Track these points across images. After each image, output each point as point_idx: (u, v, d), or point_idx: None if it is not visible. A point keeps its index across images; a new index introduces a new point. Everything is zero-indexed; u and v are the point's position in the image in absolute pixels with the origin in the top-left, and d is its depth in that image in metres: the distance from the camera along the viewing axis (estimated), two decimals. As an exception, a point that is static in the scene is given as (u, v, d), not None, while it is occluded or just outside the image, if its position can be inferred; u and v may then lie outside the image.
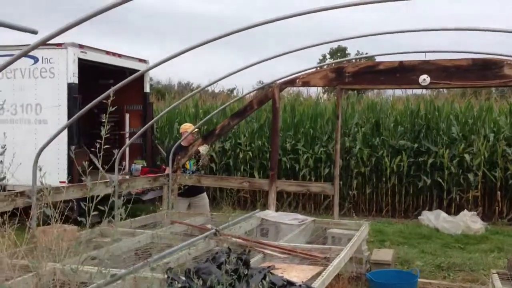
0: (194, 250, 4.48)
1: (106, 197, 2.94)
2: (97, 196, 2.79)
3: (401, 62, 5.69)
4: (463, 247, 8.34)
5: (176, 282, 3.03)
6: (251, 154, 12.23)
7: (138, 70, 10.21)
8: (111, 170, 8.89)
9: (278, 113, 6.28)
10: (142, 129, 7.40)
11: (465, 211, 9.91)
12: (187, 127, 7.38)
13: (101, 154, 2.81)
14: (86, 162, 3.27)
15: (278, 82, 6.31)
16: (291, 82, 6.27)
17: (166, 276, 3.27)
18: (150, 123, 7.69)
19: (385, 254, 6.10)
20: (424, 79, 5.54)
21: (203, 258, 4.03)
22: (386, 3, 3.99)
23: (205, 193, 7.35)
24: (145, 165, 10.51)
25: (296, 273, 3.75)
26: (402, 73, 5.67)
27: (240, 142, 12.44)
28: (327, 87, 7.33)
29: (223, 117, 12.18)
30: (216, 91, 18.75)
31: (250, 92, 12.42)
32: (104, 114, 3.32)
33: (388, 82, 5.76)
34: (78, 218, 2.92)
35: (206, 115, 12.96)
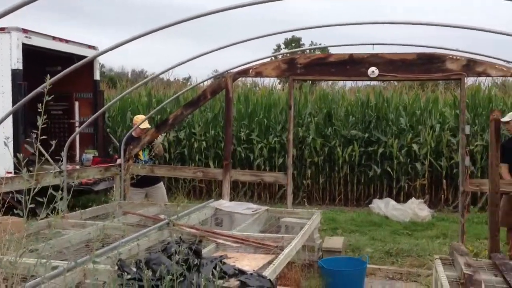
0: (147, 240, 4.45)
1: (56, 188, 2.85)
2: (47, 187, 2.69)
3: (351, 54, 5.82)
4: (411, 234, 8.66)
5: (126, 273, 3.01)
6: (205, 144, 12.21)
7: (87, 57, 10.01)
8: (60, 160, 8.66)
9: (231, 103, 6.30)
10: (91, 118, 7.23)
11: (413, 199, 10.30)
12: (139, 119, 7.28)
13: (37, 145, 2.70)
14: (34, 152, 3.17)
15: (231, 72, 6.32)
16: (245, 72, 6.29)
17: (116, 267, 3.24)
18: (100, 111, 7.55)
19: (336, 242, 6.26)
20: (373, 71, 5.69)
21: (156, 249, 4.02)
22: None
23: (161, 183, 7.27)
24: (97, 154, 10.29)
25: (248, 261, 3.79)
26: (352, 65, 5.80)
27: (194, 131, 12.38)
28: (280, 77, 7.39)
29: (176, 106, 12.06)
30: (171, 79, 18.51)
31: (203, 82, 12.37)
32: (52, 102, 3.21)
33: (338, 73, 5.87)
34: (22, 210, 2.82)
35: (159, 104, 12.78)
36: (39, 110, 2.43)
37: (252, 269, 3.54)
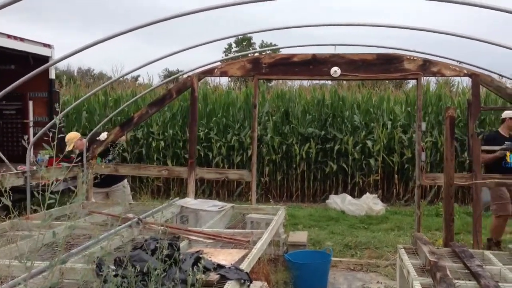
0: (118, 239, 4.45)
1: (14, 190, 2.81)
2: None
3: (314, 54, 6.01)
4: (367, 227, 9.01)
5: (110, 271, 3.04)
6: (163, 143, 12.16)
7: (43, 55, 9.75)
8: (16, 161, 8.44)
9: (196, 102, 6.35)
10: (54, 120, 7.04)
11: (368, 194, 10.69)
12: (71, 137, 6.98)
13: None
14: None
15: (196, 71, 6.38)
16: (210, 72, 6.37)
17: (95, 266, 3.26)
18: (63, 113, 7.37)
19: (300, 236, 6.45)
20: (335, 71, 5.92)
21: (128, 247, 4.04)
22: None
23: (124, 182, 7.18)
24: (53, 155, 10.03)
25: (224, 256, 3.89)
26: (315, 65, 6.00)
27: (152, 131, 12.30)
28: (245, 77, 7.51)
29: (133, 105, 11.95)
30: (120, 78, 18.15)
31: (162, 83, 12.36)
32: (4, 102, 3.17)
33: (302, 73, 6.06)
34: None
35: (116, 103, 12.66)
36: (3, 109, 2.43)
37: (229, 263, 3.65)
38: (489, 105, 11.26)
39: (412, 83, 13.80)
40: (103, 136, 6.85)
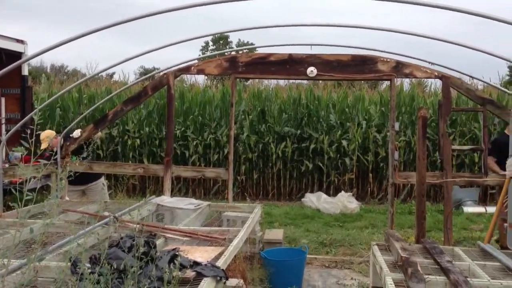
0: (94, 237, 4.43)
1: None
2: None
3: (290, 54, 6.08)
4: (342, 225, 9.14)
5: (86, 268, 3.03)
6: (139, 141, 12.08)
7: (15, 51, 9.57)
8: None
9: (173, 100, 6.35)
10: (27, 117, 6.97)
11: (342, 192, 10.83)
12: (46, 135, 6.90)
13: None
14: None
15: (172, 69, 6.38)
16: (186, 70, 6.38)
17: (70, 264, 3.25)
18: (36, 109, 7.23)
19: (276, 234, 6.51)
20: (312, 71, 6.00)
21: (104, 245, 4.03)
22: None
23: (100, 181, 7.10)
24: (25, 152, 9.86)
25: (200, 253, 3.92)
26: (292, 65, 6.07)
27: (128, 129, 12.21)
28: (222, 75, 7.53)
29: (108, 103, 11.84)
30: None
31: (138, 80, 12.28)
32: None
33: (279, 72, 6.12)
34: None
35: (90, 100, 12.52)
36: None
37: (206, 260, 3.67)
38: (460, 105, 11.52)
39: (386, 83, 14.03)
40: (77, 133, 6.77)
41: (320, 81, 13.25)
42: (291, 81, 13.86)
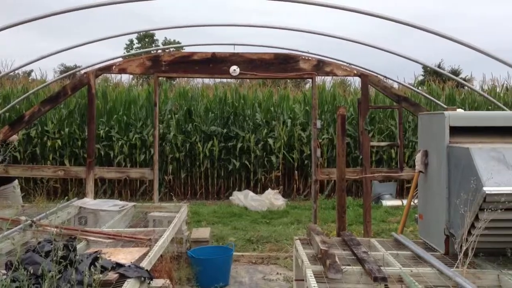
0: (8, 243, 4.23)
1: None
2: None
3: (213, 53, 6.12)
4: (269, 222, 9.31)
5: (0, 274, 2.91)
6: (60, 142, 11.59)
7: None
8: None
9: (94, 100, 6.18)
10: None
11: (269, 190, 11.05)
12: None
13: None
14: None
15: (93, 68, 6.21)
16: (108, 69, 6.23)
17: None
18: None
19: (203, 233, 6.52)
20: (235, 70, 6.07)
21: (20, 251, 3.86)
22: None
23: (15, 182, 6.74)
24: None
25: (124, 255, 3.86)
26: (215, 64, 6.11)
27: (47, 129, 11.67)
28: (145, 74, 7.43)
29: (25, 102, 11.28)
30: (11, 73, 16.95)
31: (57, 79, 11.78)
32: None
33: (202, 71, 6.14)
34: None
35: (5, 100, 11.84)
36: None
37: (129, 261, 3.63)
38: (378, 104, 12.10)
39: (311, 83, 14.45)
40: (15, 138, 6.45)
41: (248, 80, 13.41)
42: (218, 80, 13.92)
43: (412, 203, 4.62)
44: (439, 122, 3.75)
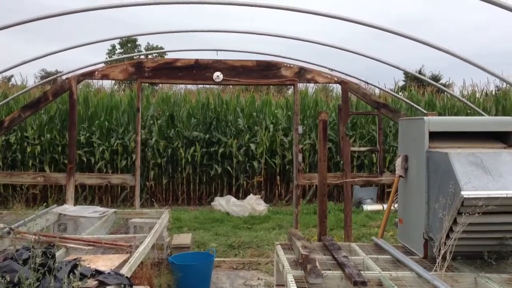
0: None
1: None
2: None
3: (196, 60, 6.13)
4: (250, 227, 9.30)
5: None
6: (40, 148, 11.44)
7: None
8: None
9: (76, 105, 6.13)
10: None
11: (251, 195, 11.04)
12: None
13: None
14: None
15: (75, 73, 6.16)
16: (90, 74, 6.20)
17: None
18: None
19: (184, 238, 6.49)
20: (218, 76, 6.10)
21: (-2, 258, 3.80)
22: None
23: None
24: None
25: (104, 262, 3.83)
26: (198, 70, 6.13)
27: (27, 135, 11.51)
28: (128, 80, 7.39)
29: (5, 108, 11.12)
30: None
31: (38, 84, 11.65)
32: None
33: (185, 77, 6.15)
34: None
35: (-16, 105, 11.65)
36: None
37: (109, 268, 3.60)
38: (359, 109, 12.22)
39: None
40: None
41: (231, 86, 13.42)
42: (201, 86, 13.90)
43: (392, 207, 4.67)
44: (419, 127, 3.81)
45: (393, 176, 6.75)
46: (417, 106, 8.97)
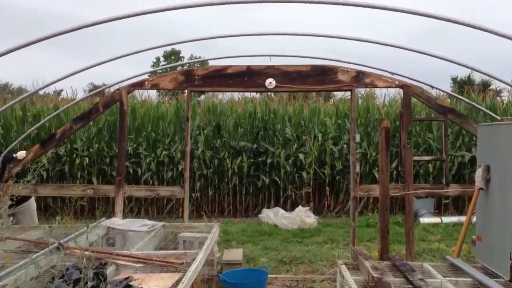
0: (35, 268, 3.99)
1: None
2: None
3: (248, 66, 5.87)
4: (301, 241, 8.92)
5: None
6: (88, 160, 11.48)
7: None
8: None
9: (126, 116, 5.98)
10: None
11: (300, 207, 10.65)
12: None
13: None
14: None
15: (125, 84, 6.03)
16: (140, 85, 6.05)
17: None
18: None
19: (235, 254, 6.21)
20: (270, 83, 5.80)
21: (46, 276, 3.62)
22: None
23: (30, 201, 6.55)
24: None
25: (156, 282, 3.58)
26: (250, 77, 5.85)
27: (76, 147, 11.58)
28: (178, 89, 7.22)
29: (56, 120, 11.24)
30: (41, 93, 17.12)
31: (87, 96, 11.75)
32: None
33: (236, 85, 5.89)
34: None
35: (35, 118, 11.85)
36: None
37: (162, 289, 3.34)
38: (415, 116, 11.65)
39: (340, 95, 14.11)
40: (21, 154, 6.30)
41: (275, 94, 13.12)
42: (245, 95, 13.68)
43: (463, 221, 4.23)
44: (506, 134, 3.37)
45: (460, 188, 6.25)
46: (491, 113, 7.58)
